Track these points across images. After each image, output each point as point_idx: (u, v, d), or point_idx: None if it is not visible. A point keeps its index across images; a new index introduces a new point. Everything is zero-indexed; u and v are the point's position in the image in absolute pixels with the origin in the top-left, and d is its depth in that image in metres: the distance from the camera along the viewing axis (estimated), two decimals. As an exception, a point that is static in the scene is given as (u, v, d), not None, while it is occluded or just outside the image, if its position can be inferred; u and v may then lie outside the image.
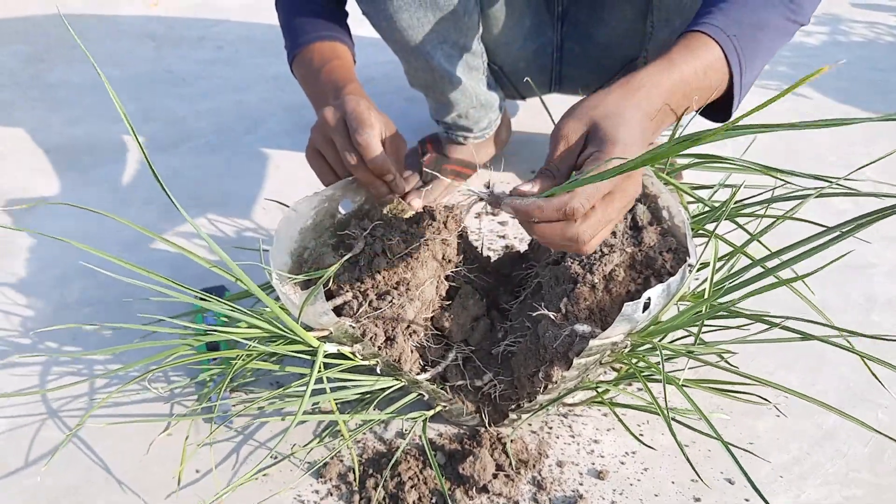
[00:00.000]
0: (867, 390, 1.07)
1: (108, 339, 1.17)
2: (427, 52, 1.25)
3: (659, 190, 0.92)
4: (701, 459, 0.97)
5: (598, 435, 1.02)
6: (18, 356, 1.12)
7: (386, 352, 0.91)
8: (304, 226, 0.97)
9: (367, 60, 2.01)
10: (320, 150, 0.96)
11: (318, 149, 0.96)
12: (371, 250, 0.95)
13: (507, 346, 0.96)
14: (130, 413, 1.05)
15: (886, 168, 1.60)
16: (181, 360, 0.95)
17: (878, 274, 1.28)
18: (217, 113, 1.85)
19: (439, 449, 0.99)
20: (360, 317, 0.90)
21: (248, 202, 1.51)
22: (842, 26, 2.33)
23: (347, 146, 0.91)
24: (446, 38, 1.24)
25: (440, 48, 1.25)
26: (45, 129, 1.77)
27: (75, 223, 1.44)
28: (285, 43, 1.21)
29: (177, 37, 2.26)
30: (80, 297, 1.26)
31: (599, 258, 0.87)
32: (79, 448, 1.00)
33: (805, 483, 0.95)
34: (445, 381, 0.98)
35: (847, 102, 1.88)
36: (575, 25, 1.34)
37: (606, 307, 0.86)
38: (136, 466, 0.98)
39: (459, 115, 1.42)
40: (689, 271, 0.81)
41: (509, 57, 1.39)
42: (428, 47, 1.24)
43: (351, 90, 1.03)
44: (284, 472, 0.97)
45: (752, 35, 0.88)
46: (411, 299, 0.92)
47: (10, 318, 1.22)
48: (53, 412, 1.05)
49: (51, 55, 2.14)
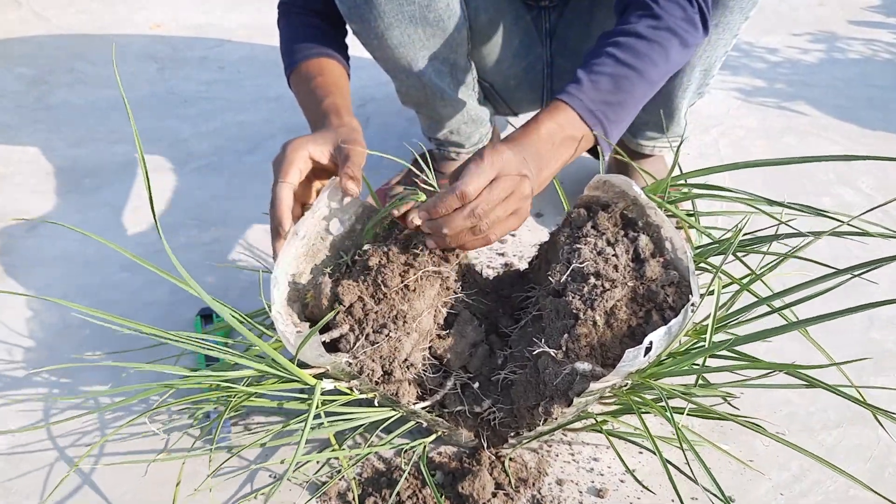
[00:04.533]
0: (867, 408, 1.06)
1: (108, 362, 1.17)
2: (418, 69, 1.27)
3: (661, 220, 0.91)
4: (701, 477, 0.97)
5: (598, 453, 1.02)
6: (17, 390, 1.13)
7: (383, 387, 0.91)
8: (300, 250, 0.97)
9: (368, 81, 2.03)
10: None
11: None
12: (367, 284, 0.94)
13: (506, 374, 0.95)
14: (131, 449, 1.04)
15: (883, 183, 1.60)
16: (181, 399, 0.95)
17: (878, 291, 1.29)
18: (219, 134, 1.86)
19: (439, 467, 0.99)
20: (357, 351, 0.89)
21: (249, 222, 1.51)
22: (839, 43, 2.35)
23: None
24: (436, 55, 1.26)
25: (431, 64, 1.27)
26: (47, 151, 1.78)
27: (77, 245, 1.44)
28: (283, 61, 1.24)
29: (179, 58, 2.28)
30: (80, 319, 1.27)
31: (601, 293, 0.86)
32: (78, 480, 1.00)
33: (805, 501, 0.94)
34: (444, 406, 0.98)
35: (844, 119, 1.89)
36: (563, 42, 1.36)
37: (607, 343, 0.85)
38: (135, 489, 0.98)
39: (451, 131, 1.44)
40: (692, 310, 0.80)
41: (500, 75, 1.40)
42: (419, 64, 1.26)
43: (327, 105, 1.09)
44: (284, 492, 0.97)
45: (618, 102, 1.02)
46: (408, 332, 0.91)
47: (10, 341, 1.23)
48: (55, 445, 1.04)
49: (54, 77, 2.16)
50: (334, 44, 1.25)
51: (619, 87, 1.02)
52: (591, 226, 0.95)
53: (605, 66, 1.02)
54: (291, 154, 0.96)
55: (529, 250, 1.40)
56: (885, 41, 2.36)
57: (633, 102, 1.05)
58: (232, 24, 2.53)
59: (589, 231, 0.94)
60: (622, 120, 1.05)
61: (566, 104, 1.00)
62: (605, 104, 1.01)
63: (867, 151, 1.72)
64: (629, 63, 1.02)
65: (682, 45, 1.06)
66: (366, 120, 1.90)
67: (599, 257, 0.90)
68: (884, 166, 1.66)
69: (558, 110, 1.00)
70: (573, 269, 0.90)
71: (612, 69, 1.02)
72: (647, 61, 1.02)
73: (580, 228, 0.96)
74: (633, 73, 1.02)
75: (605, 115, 1.01)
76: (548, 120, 0.99)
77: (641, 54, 1.02)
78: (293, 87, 1.22)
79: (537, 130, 0.98)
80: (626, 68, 1.02)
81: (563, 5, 1.33)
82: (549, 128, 0.98)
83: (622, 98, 1.02)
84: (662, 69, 1.05)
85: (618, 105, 1.02)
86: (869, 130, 1.83)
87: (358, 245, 1.03)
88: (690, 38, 1.06)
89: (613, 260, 0.89)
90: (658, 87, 1.07)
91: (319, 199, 0.97)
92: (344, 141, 0.98)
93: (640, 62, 1.02)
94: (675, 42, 1.04)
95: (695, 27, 1.06)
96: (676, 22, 1.04)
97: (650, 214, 0.93)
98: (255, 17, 2.57)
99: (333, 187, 0.98)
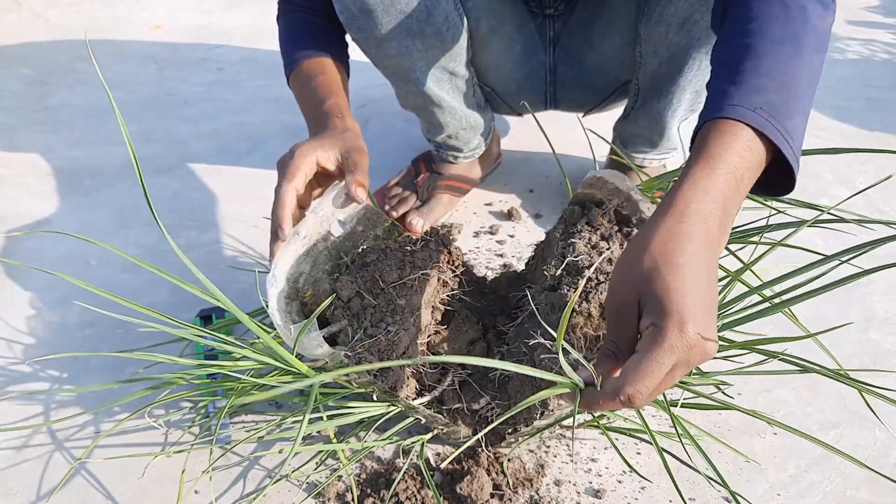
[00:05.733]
0: (864, 408, 1.07)
1: (108, 361, 1.18)
2: (416, 78, 1.28)
3: None
4: (699, 478, 0.97)
5: (596, 454, 1.02)
6: (17, 385, 1.13)
7: (381, 380, 0.92)
8: (300, 250, 0.98)
9: (368, 81, 2.03)
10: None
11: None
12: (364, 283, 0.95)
13: (503, 370, 0.96)
14: (131, 442, 1.05)
15: (881, 184, 1.61)
16: (180, 393, 0.96)
17: (876, 292, 1.29)
18: (218, 134, 1.87)
19: (437, 468, 1.00)
20: (355, 345, 0.90)
21: (248, 223, 1.52)
22: (837, 43, 2.35)
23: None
24: (435, 64, 1.26)
25: (429, 73, 1.27)
26: (47, 153, 1.79)
27: (78, 245, 1.45)
28: (283, 59, 1.24)
29: (179, 59, 2.28)
30: (80, 318, 1.27)
31: (595, 286, 0.87)
32: (78, 475, 1.01)
33: (803, 501, 0.95)
34: (442, 403, 0.99)
35: (842, 120, 1.89)
36: (567, 51, 1.36)
37: (602, 335, 0.86)
38: (136, 487, 0.98)
39: (449, 135, 1.44)
40: None
41: (500, 79, 1.40)
42: (417, 73, 1.27)
43: (328, 107, 1.08)
44: (283, 493, 0.97)
45: (783, 93, 0.76)
46: (406, 327, 0.92)
47: (11, 341, 1.23)
48: (56, 441, 1.05)
49: (54, 78, 2.16)
50: (335, 43, 1.25)
51: (777, 73, 0.77)
52: (586, 222, 0.96)
53: (748, 57, 0.78)
54: (300, 158, 0.96)
55: (527, 251, 1.41)
56: (883, 41, 2.36)
57: (804, 89, 0.79)
58: (232, 25, 2.53)
59: (583, 226, 0.95)
60: (798, 114, 0.77)
61: (728, 119, 0.74)
62: (770, 104, 0.75)
63: (864, 154, 1.72)
64: (772, 40, 0.78)
65: (822, 7, 0.82)
66: (365, 121, 1.90)
67: (594, 251, 0.90)
68: (882, 166, 1.66)
69: (724, 135, 0.73)
70: (567, 263, 0.90)
71: (757, 58, 0.77)
72: (790, 32, 0.79)
73: (574, 225, 0.97)
74: (782, 51, 0.78)
75: (778, 115, 0.75)
76: (725, 151, 0.72)
77: (780, 27, 0.79)
78: (293, 85, 1.22)
79: (728, 168, 0.71)
80: (772, 46, 0.78)
81: (567, 14, 1.32)
82: (732, 166, 0.72)
83: (787, 83, 0.77)
84: (813, 37, 0.81)
85: (788, 99, 0.76)
86: (867, 131, 1.84)
87: (358, 246, 1.04)
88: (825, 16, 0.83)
89: (608, 254, 0.90)
90: (819, 61, 0.82)
91: (322, 201, 0.98)
92: (350, 148, 0.99)
93: (784, 35, 0.78)
94: (813, 7, 0.81)
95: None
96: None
97: (644, 210, 0.94)
98: (255, 18, 2.57)
99: (338, 190, 0.99)
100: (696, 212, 0.68)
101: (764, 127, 0.73)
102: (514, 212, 1.52)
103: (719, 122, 0.74)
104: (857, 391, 0.88)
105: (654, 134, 1.40)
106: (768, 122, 0.73)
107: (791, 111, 0.76)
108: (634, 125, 1.42)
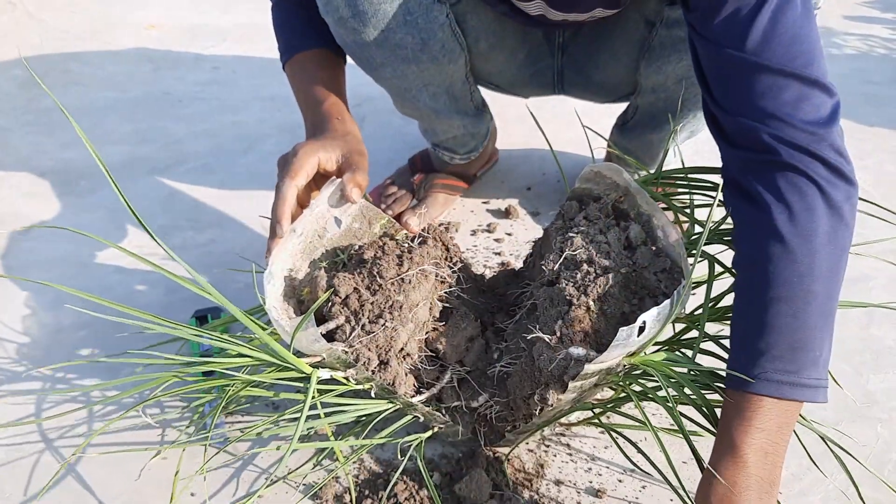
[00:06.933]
0: (866, 405, 1.06)
1: (102, 362, 1.17)
2: (412, 95, 1.27)
3: (653, 209, 0.92)
4: (700, 477, 0.96)
5: (596, 453, 1.01)
6: (12, 386, 1.12)
7: (380, 376, 0.91)
8: (297, 247, 0.97)
9: (364, 79, 2.01)
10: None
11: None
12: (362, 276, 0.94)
13: (502, 367, 0.95)
14: (125, 441, 1.04)
15: (879, 178, 1.60)
16: (174, 389, 0.95)
17: (877, 287, 1.28)
18: (214, 134, 1.85)
19: (436, 468, 0.99)
20: (353, 341, 0.89)
21: (244, 223, 1.51)
22: (835, 39, 2.34)
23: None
24: (431, 82, 1.25)
25: (425, 90, 1.26)
26: (40, 154, 1.77)
27: (73, 246, 1.44)
28: (279, 45, 1.22)
29: (174, 59, 2.27)
30: (75, 319, 1.26)
31: (594, 279, 0.86)
32: (73, 475, 1.00)
33: (806, 499, 0.94)
34: (441, 402, 0.98)
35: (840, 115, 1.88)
36: (573, 59, 1.35)
37: (601, 329, 0.85)
38: (131, 489, 0.97)
39: (446, 139, 1.44)
40: (684, 292, 0.81)
41: (504, 79, 1.39)
42: (414, 91, 1.26)
43: (328, 107, 1.07)
44: (280, 494, 0.96)
45: (797, 346, 0.79)
46: (404, 322, 0.91)
47: (6, 342, 1.22)
48: (49, 441, 1.04)
49: (47, 79, 2.15)
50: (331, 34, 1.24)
51: (784, 330, 0.79)
52: (583, 216, 0.95)
53: (752, 316, 0.81)
54: (303, 157, 0.96)
55: (525, 249, 1.40)
56: (881, 37, 2.36)
57: (818, 331, 0.80)
58: (227, 24, 2.52)
59: (581, 221, 0.94)
60: (818, 360, 0.80)
61: (752, 395, 0.79)
62: (785, 363, 0.79)
63: (864, 148, 1.72)
64: (771, 291, 0.80)
65: (829, 208, 0.81)
66: (361, 119, 1.89)
67: (592, 245, 0.89)
68: (880, 162, 1.66)
69: (751, 412, 0.79)
70: (566, 257, 0.90)
71: (762, 314, 0.80)
72: (792, 268, 0.79)
73: (572, 219, 0.96)
74: (784, 299, 0.79)
75: (797, 375, 0.79)
76: (747, 435, 0.79)
77: (780, 267, 0.80)
78: (289, 75, 1.20)
79: (761, 446, 0.79)
80: (775, 301, 0.79)
81: (576, 29, 1.31)
82: (760, 444, 0.79)
83: (799, 339, 0.79)
84: (821, 258, 0.80)
85: (801, 350, 0.79)
86: (866, 126, 1.83)
87: (355, 243, 1.03)
88: (834, 192, 0.81)
89: (605, 247, 0.89)
90: (838, 280, 0.82)
91: (319, 199, 0.97)
92: (352, 151, 0.99)
93: (785, 278, 0.80)
94: (821, 212, 0.80)
95: (834, 185, 0.82)
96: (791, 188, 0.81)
97: (641, 203, 0.93)
98: (250, 17, 2.56)
99: (335, 188, 0.98)
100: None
101: (783, 394, 0.79)
102: (512, 210, 1.51)
103: (740, 401, 0.80)
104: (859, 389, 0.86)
105: (645, 156, 1.44)
106: (786, 385, 0.79)
107: (809, 359, 0.80)
108: (629, 142, 1.43)
